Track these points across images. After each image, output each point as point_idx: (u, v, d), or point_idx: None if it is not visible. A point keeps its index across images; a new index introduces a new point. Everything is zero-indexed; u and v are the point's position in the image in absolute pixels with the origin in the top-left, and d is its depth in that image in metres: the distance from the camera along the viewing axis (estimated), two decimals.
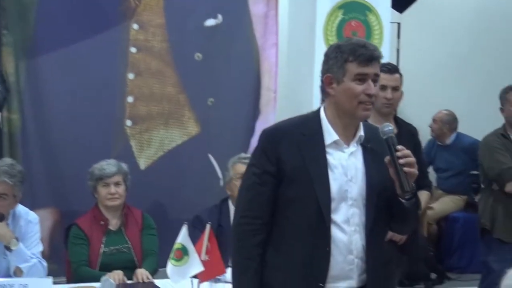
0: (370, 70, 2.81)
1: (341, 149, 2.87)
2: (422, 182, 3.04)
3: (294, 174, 2.81)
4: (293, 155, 2.82)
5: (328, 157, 2.85)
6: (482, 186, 5.30)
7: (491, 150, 5.16)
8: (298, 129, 2.88)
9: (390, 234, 4.03)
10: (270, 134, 2.91)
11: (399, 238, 4.08)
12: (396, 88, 4.20)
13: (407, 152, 2.78)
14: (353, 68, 2.79)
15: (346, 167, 2.85)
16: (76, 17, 5.41)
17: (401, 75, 4.28)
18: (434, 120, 7.50)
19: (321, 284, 2.81)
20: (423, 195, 4.12)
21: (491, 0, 8.01)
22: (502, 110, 5.26)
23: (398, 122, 4.26)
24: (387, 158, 2.79)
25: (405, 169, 2.75)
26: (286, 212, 2.85)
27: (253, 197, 2.87)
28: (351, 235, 2.84)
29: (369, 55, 2.80)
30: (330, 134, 2.87)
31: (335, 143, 2.86)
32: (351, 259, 2.84)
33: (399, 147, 2.78)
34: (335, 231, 2.82)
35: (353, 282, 2.86)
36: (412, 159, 2.77)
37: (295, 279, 2.85)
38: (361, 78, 2.79)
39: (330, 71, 2.84)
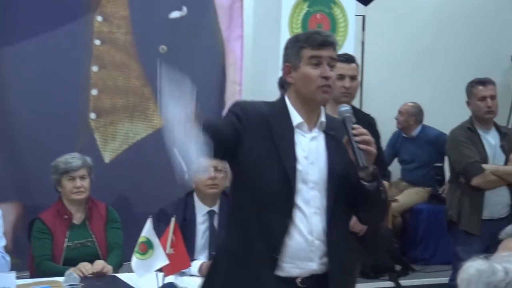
0: (324, 53, 2.88)
1: (303, 133, 2.92)
2: (381, 172, 3.07)
3: (260, 142, 2.86)
4: (262, 130, 2.88)
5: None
6: (450, 179, 5.35)
7: (458, 144, 5.21)
8: (265, 109, 2.94)
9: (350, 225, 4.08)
10: (244, 102, 2.99)
11: (359, 229, 4.12)
12: (353, 77, 4.29)
13: (364, 130, 2.83)
14: (307, 52, 2.87)
15: (307, 151, 2.90)
16: (40, 9, 5.35)
17: (357, 64, 4.35)
18: (400, 112, 7.55)
19: (275, 255, 2.83)
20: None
21: None
22: (468, 103, 5.30)
23: (356, 112, 4.30)
24: (345, 138, 2.83)
25: (362, 146, 2.78)
26: (250, 173, 2.87)
27: (226, 121, 2.92)
28: (311, 217, 2.87)
29: (322, 40, 2.88)
30: (295, 117, 2.93)
31: (298, 126, 2.92)
32: (311, 240, 2.86)
33: (356, 126, 2.83)
34: (295, 211, 2.86)
35: (314, 264, 2.89)
36: (369, 137, 2.81)
37: (251, 246, 2.86)
38: (316, 63, 2.86)
39: (288, 61, 2.93)
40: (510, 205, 5.19)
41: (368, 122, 4.30)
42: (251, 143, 2.84)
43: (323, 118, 2.98)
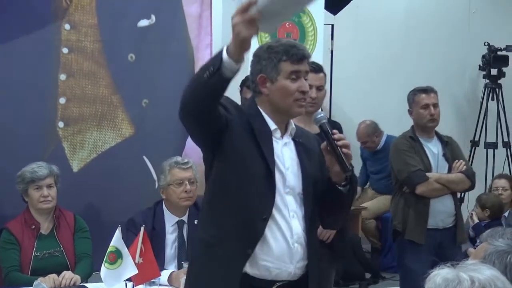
0: (302, 67, 2.92)
1: (275, 139, 2.94)
2: None
3: (244, 137, 2.86)
4: (243, 121, 2.89)
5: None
6: (394, 189, 5.34)
7: (400, 153, 5.19)
8: (249, 111, 2.97)
9: (317, 233, 4.10)
10: (228, 98, 2.93)
11: (327, 236, 4.15)
12: (320, 88, 4.32)
13: (342, 135, 2.90)
14: (287, 66, 2.88)
15: (281, 156, 2.92)
16: (6, 17, 5.29)
17: (325, 74, 4.36)
18: (358, 137, 7.50)
19: (249, 250, 2.83)
20: None
21: (419, 2, 8.14)
22: (410, 112, 5.30)
23: None
24: (323, 144, 2.89)
25: (344, 150, 2.84)
26: (233, 164, 2.86)
27: None
28: (290, 219, 2.88)
29: (302, 54, 2.91)
30: (269, 123, 2.94)
31: (272, 132, 2.94)
32: (292, 242, 2.87)
33: (334, 131, 2.89)
34: (275, 210, 2.87)
35: (291, 267, 2.90)
36: (347, 141, 2.88)
37: (228, 239, 2.86)
38: (295, 77, 2.88)
39: (264, 71, 2.92)
40: (455, 214, 5.20)
41: (336, 127, 4.33)
42: (236, 135, 2.84)
43: (293, 125, 3.01)
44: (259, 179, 2.85)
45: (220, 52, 2.65)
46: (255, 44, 5.86)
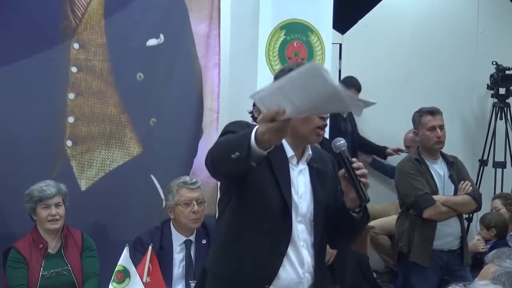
0: None
1: (292, 166, 2.92)
2: None
3: (260, 168, 2.78)
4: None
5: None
6: (400, 211, 5.30)
7: (406, 176, 5.16)
8: None
9: None
10: (244, 123, 2.90)
11: (327, 258, 4.16)
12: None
13: (361, 163, 2.87)
14: None
15: (296, 184, 2.90)
16: (16, 36, 5.32)
17: None
18: (405, 141, 7.41)
19: (267, 286, 2.83)
20: None
21: (427, 22, 8.14)
22: (416, 133, 5.28)
23: (323, 141, 4.32)
24: (341, 172, 2.86)
25: (363, 179, 2.81)
26: (251, 200, 2.85)
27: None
28: (301, 249, 2.87)
29: None
30: (287, 149, 2.93)
31: (289, 159, 2.92)
32: (302, 273, 2.87)
33: (353, 159, 2.86)
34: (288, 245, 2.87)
35: None
36: (366, 170, 2.86)
37: (243, 273, 2.86)
38: None
39: None
40: (461, 237, 5.18)
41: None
42: (254, 171, 2.79)
43: (310, 151, 2.99)
44: (275, 216, 2.84)
45: (249, 135, 2.56)
46: (263, 64, 5.91)
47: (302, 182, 2.94)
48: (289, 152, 2.92)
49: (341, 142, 2.89)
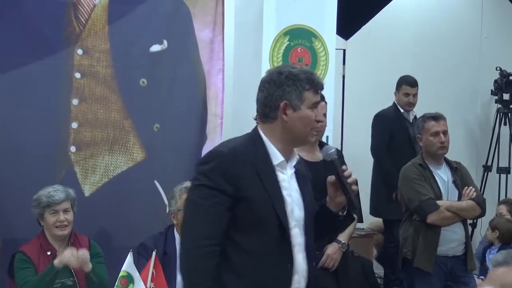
0: (319, 97, 2.97)
1: (282, 171, 2.91)
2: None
3: (254, 196, 2.81)
4: (250, 176, 2.83)
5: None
6: (404, 216, 5.30)
7: (410, 182, 5.14)
8: (250, 150, 2.89)
9: (322, 262, 4.15)
10: (227, 155, 2.86)
11: (331, 264, 4.17)
12: (324, 115, 4.28)
13: (351, 171, 2.93)
14: (310, 96, 2.90)
15: (289, 189, 2.91)
16: (20, 42, 5.33)
17: (326, 102, 4.34)
18: None
19: None
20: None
21: (431, 27, 8.15)
22: (419, 139, 5.27)
23: (322, 146, 4.33)
24: (332, 178, 2.92)
25: (353, 187, 2.89)
26: (248, 234, 2.83)
27: (214, 217, 2.79)
28: (296, 254, 2.87)
29: (321, 84, 2.95)
30: (275, 155, 2.91)
31: (278, 165, 2.91)
32: (299, 279, 2.87)
33: (344, 167, 2.93)
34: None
35: None
36: (355, 177, 2.94)
37: None
38: (315, 107, 2.92)
39: (287, 98, 2.88)
40: (465, 242, 5.16)
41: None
42: (245, 194, 2.81)
43: (297, 155, 3.01)
44: (274, 237, 2.84)
45: None
46: (267, 66, 5.91)
47: (293, 187, 2.94)
48: (278, 157, 2.90)
49: (332, 150, 2.97)
